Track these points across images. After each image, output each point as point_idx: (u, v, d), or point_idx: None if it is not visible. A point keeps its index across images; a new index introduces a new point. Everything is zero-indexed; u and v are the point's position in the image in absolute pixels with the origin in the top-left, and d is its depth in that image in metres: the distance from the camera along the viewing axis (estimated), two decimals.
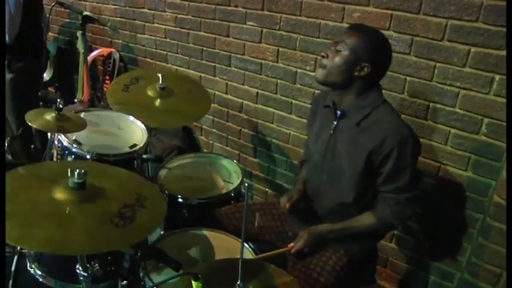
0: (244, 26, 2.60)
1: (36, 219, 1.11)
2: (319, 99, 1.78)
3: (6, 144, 2.30)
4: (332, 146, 1.63)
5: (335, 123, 1.62)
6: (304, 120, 2.35)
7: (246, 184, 1.07)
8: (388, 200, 1.56)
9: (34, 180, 1.26)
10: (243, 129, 2.87)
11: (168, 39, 3.11)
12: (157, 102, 2.02)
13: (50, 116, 1.72)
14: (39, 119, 1.71)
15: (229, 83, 2.83)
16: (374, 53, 1.52)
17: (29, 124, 1.68)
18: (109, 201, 1.24)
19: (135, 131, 2.10)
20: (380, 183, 1.56)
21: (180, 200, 1.95)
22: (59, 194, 1.19)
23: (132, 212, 1.23)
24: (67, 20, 3.93)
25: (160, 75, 2.05)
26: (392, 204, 1.55)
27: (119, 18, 3.38)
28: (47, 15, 2.63)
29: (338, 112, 1.62)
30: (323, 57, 1.57)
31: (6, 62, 2.60)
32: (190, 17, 2.89)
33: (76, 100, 3.52)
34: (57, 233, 1.09)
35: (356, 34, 1.54)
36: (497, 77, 1.80)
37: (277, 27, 2.45)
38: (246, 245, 1.59)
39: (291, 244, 1.64)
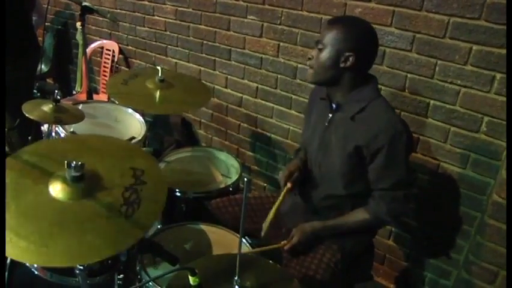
0: (245, 20, 2.59)
1: (46, 231, 1.09)
2: (316, 92, 1.77)
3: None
4: (326, 138, 1.62)
5: (330, 115, 1.61)
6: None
7: (246, 179, 1.05)
8: (385, 197, 1.54)
9: (28, 175, 1.25)
10: (242, 124, 2.86)
11: (168, 32, 3.09)
12: (157, 93, 2.01)
13: (47, 107, 1.71)
14: (37, 110, 1.70)
15: (229, 77, 2.82)
16: (354, 40, 1.49)
17: (26, 115, 1.67)
18: (109, 189, 1.23)
19: (133, 124, 2.09)
20: (374, 180, 1.54)
21: (178, 193, 1.94)
22: (59, 191, 1.17)
23: (136, 195, 1.22)
24: (66, 11, 3.90)
25: (159, 68, 2.03)
26: (389, 201, 1.53)
27: (119, 10, 3.35)
28: (44, 6, 2.59)
29: (334, 105, 1.61)
30: (310, 59, 1.58)
31: None
32: (190, 10, 2.87)
33: (74, 92, 3.50)
34: (73, 242, 1.08)
35: (334, 27, 1.52)
36: (499, 76, 1.79)
37: (278, 21, 2.44)
38: (243, 240, 1.59)
39: (284, 241, 1.63)
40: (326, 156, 1.63)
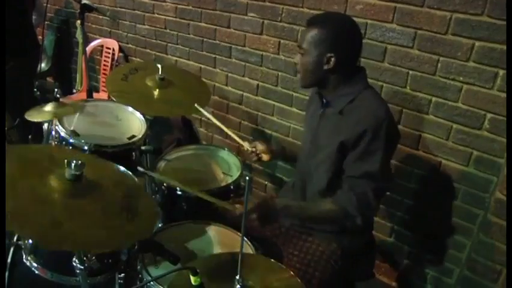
0: (245, 17, 2.57)
1: (53, 217, 1.11)
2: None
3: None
4: (317, 134, 1.62)
5: (321, 110, 1.61)
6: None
7: (247, 178, 1.05)
8: (353, 186, 1.48)
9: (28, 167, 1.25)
10: (242, 122, 2.85)
11: (168, 30, 3.08)
12: (156, 92, 2.00)
13: (49, 108, 1.70)
14: (41, 114, 1.70)
15: (229, 74, 2.81)
16: (332, 40, 1.47)
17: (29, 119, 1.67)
18: (106, 192, 1.24)
19: (134, 122, 2.07)
20: (348, 166, 1.50)
21: (179, 192, 1.93)
22: (56, 184, 1.17)
23: (134, 203, 1.24)
24: (66, 9, 3.88)
25: (159, 66, 2.02)
26: (358, 191, 1.47)
27: (118, 8, 3.34)
28: (43, 4, 2.58)
29: (324, 100, 1.61)
30: (295, 64, 1.58)
31: None
32: (190, 7, 2.86)
33: (74, 90, 3.50)
34: (80, 231, 1.11)
35: (310, 29, 1.50)
36: (501, 72, 1.78)
37: (279, 18, 2.42)
38: (245, 239, 1.57)
39: (238, 205, 1.56)
40: (316, 151, 1.62)
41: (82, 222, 1.12)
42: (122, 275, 1.52)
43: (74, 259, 1.29)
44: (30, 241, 1.48)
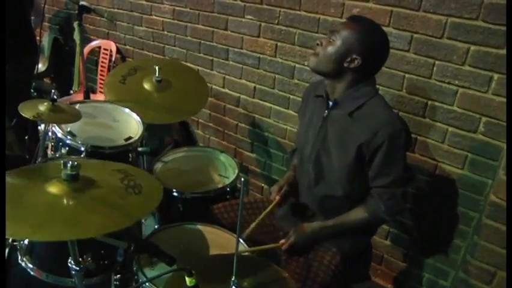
0: (243, 20, 2.58)
1: (78, 214, 1.13)
2: (310, 90, 1.77)
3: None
4: (322, 135, 1.61)
5: (326, 112, 1.61)
6: None
7: (243, 179, 1.05)
8: (382, 194, 1.54)
9: (27, 184, 1.25)
10: (239, 124, 2.85)
11: (166, 32, 3.08)
12: (154, 96, 2.01)
13: (44, 106, 1.69)
14: (33, 109, 1.69)
15: (226, 76, 2.81)
16: (366, 46, 1.49)
17: (23, 115, 1.65)
18: (106, 184, 1.25)
19: (130, 124, 2.08)
20: (373, 178, 1.54)
21: (175, 194, 1.93)
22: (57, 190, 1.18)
23: (134, 182, 1.26)
24: (64, 10, 3.88)
25: (156, 67, 2.02)
26: (386, 199, 1.53)
27: (116, 10, 3.35)
28: (41, 5, 2.58)
29: (330, 102, 1.60)
30: (318, 45, 1.57)
31: None
32: (188, 9, 2.86)
33: (71, 91, 3.49)
34: (103, 219, 1.13)
35: (352, 26, 1.52)
36: (496, 76, 1.79)
37: (276, 21, 2.43)
38: (241, 240, 1.58)
39: (282, 241, 1.62)
40: (322, 154, 1.62)
41: (95, 210, 1.15)
42: (118, 276, 1.52)
43: (69, 260, 1.29)
44: (26, 242, 1.48)
